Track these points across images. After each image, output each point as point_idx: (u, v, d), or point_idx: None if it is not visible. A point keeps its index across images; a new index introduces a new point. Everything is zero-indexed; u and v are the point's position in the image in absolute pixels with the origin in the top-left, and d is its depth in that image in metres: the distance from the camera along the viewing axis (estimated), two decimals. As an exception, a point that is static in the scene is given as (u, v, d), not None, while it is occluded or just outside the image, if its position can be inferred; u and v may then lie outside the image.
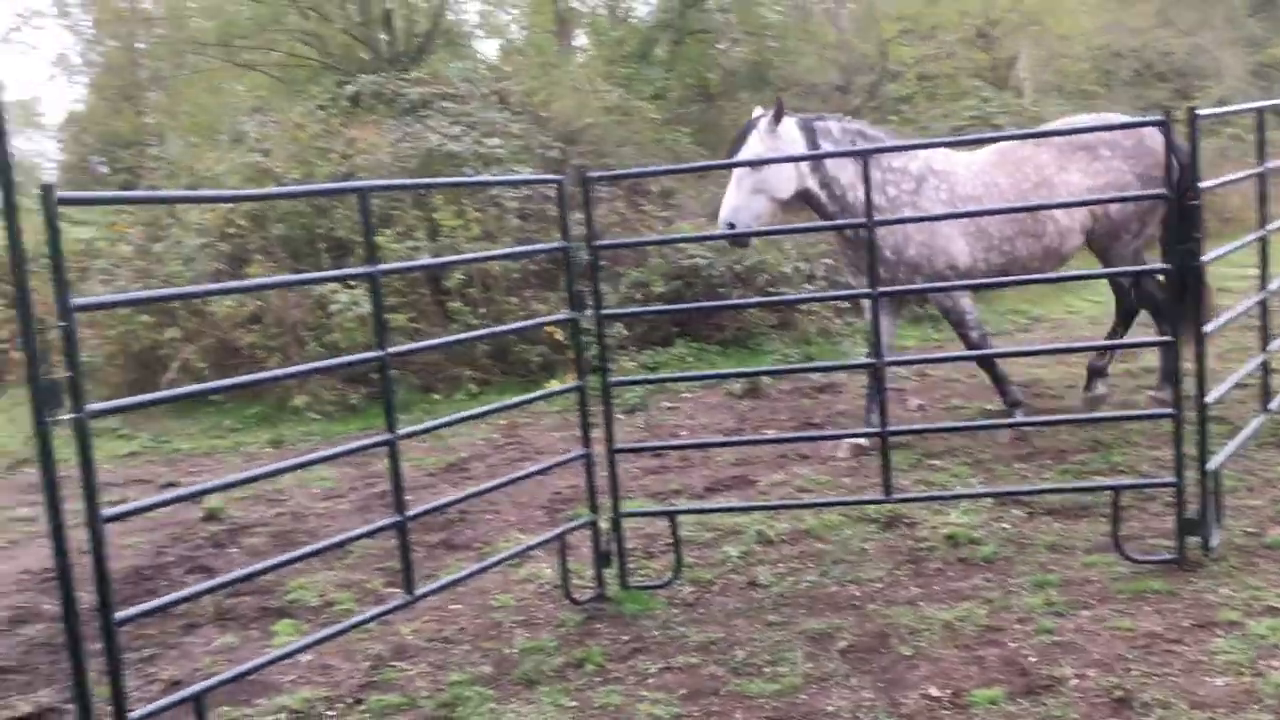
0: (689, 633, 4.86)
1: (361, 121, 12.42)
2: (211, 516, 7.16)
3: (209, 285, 9.71)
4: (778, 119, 6.95)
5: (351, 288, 9.96)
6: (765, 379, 9.46)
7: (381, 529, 4.56)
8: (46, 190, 3.24)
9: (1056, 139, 7.43)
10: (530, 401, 5.77)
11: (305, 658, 4.86)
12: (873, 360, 5.18)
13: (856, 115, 18.22)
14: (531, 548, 5.26)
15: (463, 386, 10.09)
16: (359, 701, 4.42)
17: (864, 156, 5.16)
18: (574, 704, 4.28)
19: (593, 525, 5.32)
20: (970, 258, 7.28)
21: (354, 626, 4.42)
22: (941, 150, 7.50)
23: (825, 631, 4.72)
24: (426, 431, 4.80)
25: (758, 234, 7.34)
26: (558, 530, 5.26)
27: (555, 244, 5.32)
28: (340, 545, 4.48)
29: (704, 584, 5.42)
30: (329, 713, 4.35)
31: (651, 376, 7.07)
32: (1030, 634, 4.54)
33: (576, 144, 12.99)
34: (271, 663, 4.11)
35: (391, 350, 4.41)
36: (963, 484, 6.46)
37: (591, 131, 13.23)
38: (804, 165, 7.03)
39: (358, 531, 4.45)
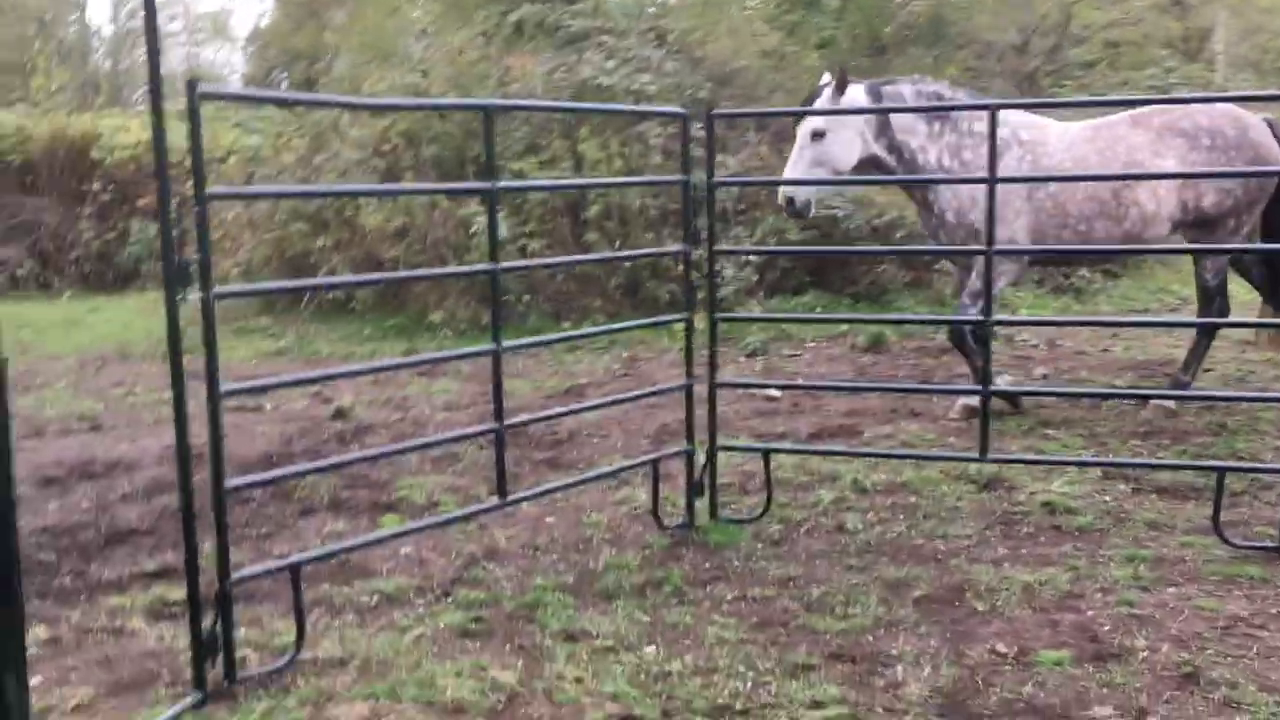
0: (769, 567, 4.98)
1: (519, 50, 12.65)
2: (339, 415, 7.57)
3: (330, 186, 10.17)
4: (841, 88, 6.86)
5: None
6: (888, 335, 9.40)
7: (480, 434, 4.79)
8: (190, 85, 3.50)
9: (1156, 122, 7.05)
10: (632, 329, 5.92)
11: (405, 550, 5.16)
12: (981, 318, 5.14)
13: (1033, 78, 17.68)
14: (622, 469, 5.44)
15: (591, 317, 10.31)
16: (447, 594, 4.69)
17: (992, 110, 5.06)
18: (646, 619, 4.46)
19: (688, 455, 5.46)
20: (1033, 236, 7.02)
21: (447, 522, 4.68)
22: (1035, 118, 7.23)
23: (903, 580, 4.78)
24: (528, 347, 5.02)
25: (844, 182, 7.25)
26: (651, 456, 5.42)
27: (673, 178, 5.42)
28: (437, 444, 4.74)
29: (793, 523, 5.51)
30: (418, 600, 4.62)
31: (759, 315, 7.12)
32: (1110, 604, 4.50)
33: (728, 86, 12.97)
34: (364, 545, 4.40)
35: (503, 265, 4.61)
36: (1071, 455, 6.37)
37: (745, 74, 13.18)
38: (870, 132, 6.92)
39: (456, 433, 4.69)
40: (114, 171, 16.58)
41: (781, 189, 6.86)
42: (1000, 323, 6.08)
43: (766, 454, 5.52)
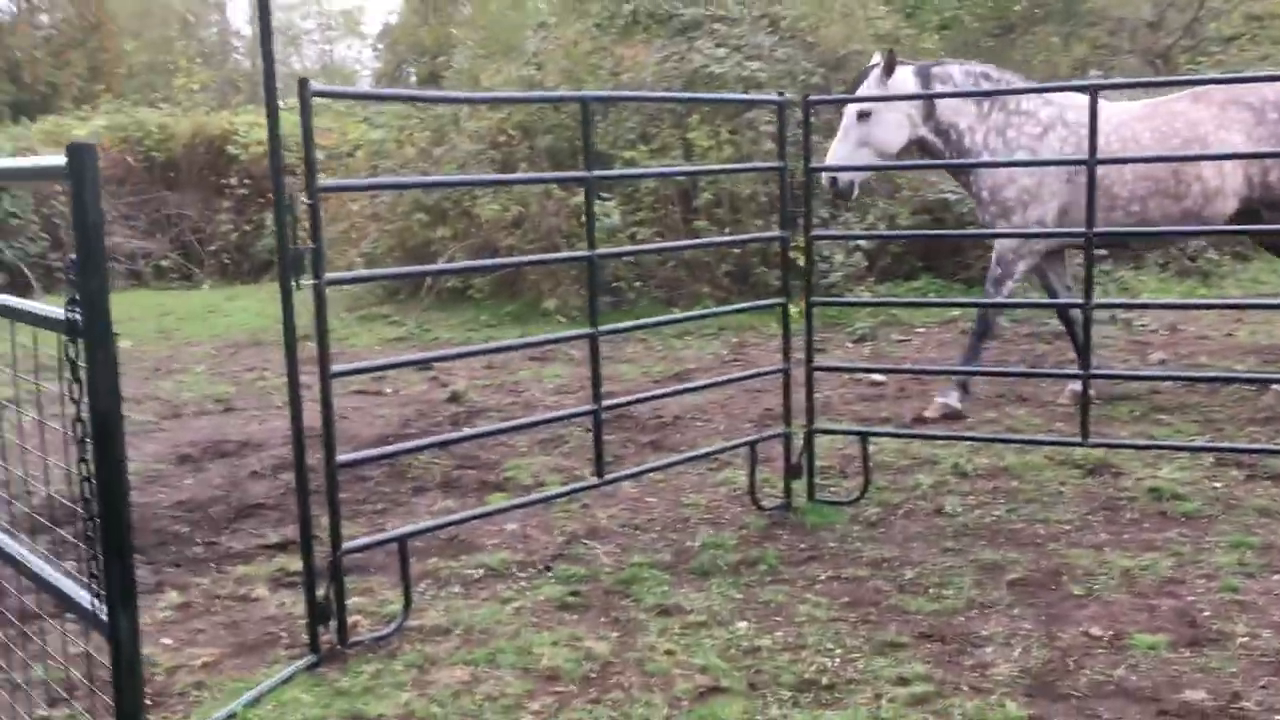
0: (864, 548, 5.04)
1: (632, 41, 12.80)
2: (454, 398, 7.85)
3: (433, 177, 10.49)
4: (889, 71, 6.78)
5: (604, 200, 10.43)
6: (1001, 321, 9.27)
7: (579, 415, 4.95)
8: (301, 83, 3.72)
9: (1219, 97, 6.76)
10: (728, 314, 6.02)
11: (510, 527, 5.37)
12: (1080, 302, 5.09)
13: (1167, 56, 17.08)
14: (719, 451, 5.56)
15: (701, 302, 10.41)
16: (548, 568, 4.87)
17: (1093, 91, 4.99)
18: (740, 596, 4.56)
19: (786, 438, 5.54)
20: (1071, 216, 6.79)
21: (546, 500, 4.88)
22: (1081, 98, 7.04)
23: (998, 563, 4.78)
24: (623, 331, 5.15)
25: (905, 167, 7.12)
26: (748, 439, 5.51)
27: (769, 164, 5.49)
28: (537, 425, 4.92)
29: (890, 506, 5.55)
30: (520, 574, 4.82)
31: (855, 300, 7.14)
32: (1212, 590, 4.44)
33: (841, 71, 12.87)
34: (466, 520, 4.62)
35: (599, 251, 4.75)
36: (1183, 440, 6.24)
37: (857, 59, 13.06)
38: (917, 114, 6.82)
39: (556, 415, 4.85)
40: (250, 167, 17.32)
41: (825, 175, 6.84)
42: (1101, 305, 5.96)
43: (864, 437, 5.56)
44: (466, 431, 4.67)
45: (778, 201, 10.85)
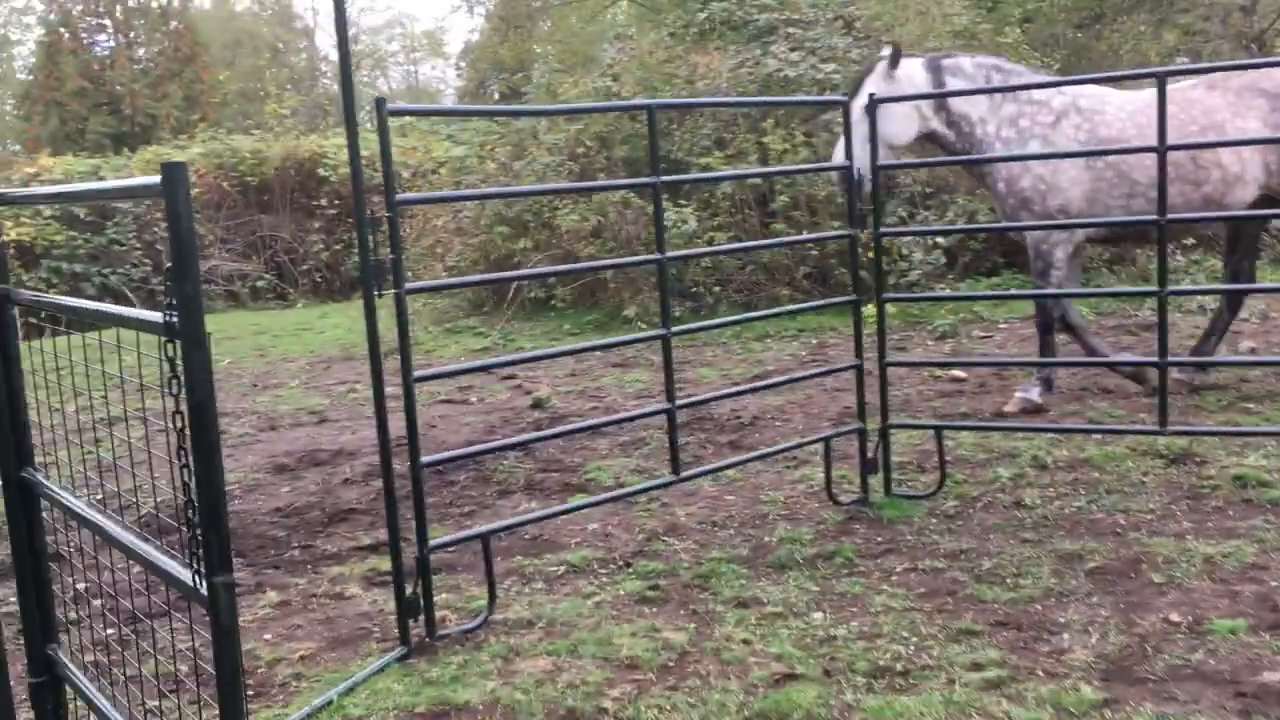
0: (941, 541, 5.07)
1: (706, 48, 12.92)
2: (538, 405, 8.03)
3: (500, 189, 10.75)
4: (895, 62, 6.73)
5: (681, 206, 10.55)
6: (1086, 313, 9.18)
7: (652, 414, 5.08)
8: (379, 103, 3.92)
9: (1235, 83, 6.63)
10: (797, 312, 6.08)
11: (592, 526, 5.51)
12: (1156, 290, 5.06)
13: (1261, 40, 16.66)
14: (794, 447, 5.64)
15: (780, 305, 10.47)
16: (628, 564, 5.00)
17: (1161, 78, 4.97)
18: (816, 589, 4.64)
19: (860, 434, 5.60)
20: (1090, 205, 6.72)
21: (622, 497, 5.01)
22: (1096, 88, 6.93)
23: (1077, 553, 4.79)
24: (694, 331, 5.27)
25: (942, 163, 7.05)
26: (823, 435, 5.58)
27: (837, 164, 5.56)
28: (611, 425, 5.06)
29: (968, 499, 5.57)
30: (601, 570, 4.95)
31: (926, 295, 7.16)
32: (1296, 576, 4.40)
33: (918, 69, 12.84)
34: (544, 518, 4.78)
35: (669, 255, 4.88)
36: (1270, 429, 6.14)
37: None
38: (927, 107, 6.76)
39: (629, 414, 4.98)
40: (339, 188, 17.84)
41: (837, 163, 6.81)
42: (1175, 292, 5.91)
43: (939, 431, 5.59)
44: (545, 433, 4.81)
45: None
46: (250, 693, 3.99)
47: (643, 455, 6.63)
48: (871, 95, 5.57)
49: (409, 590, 4.19)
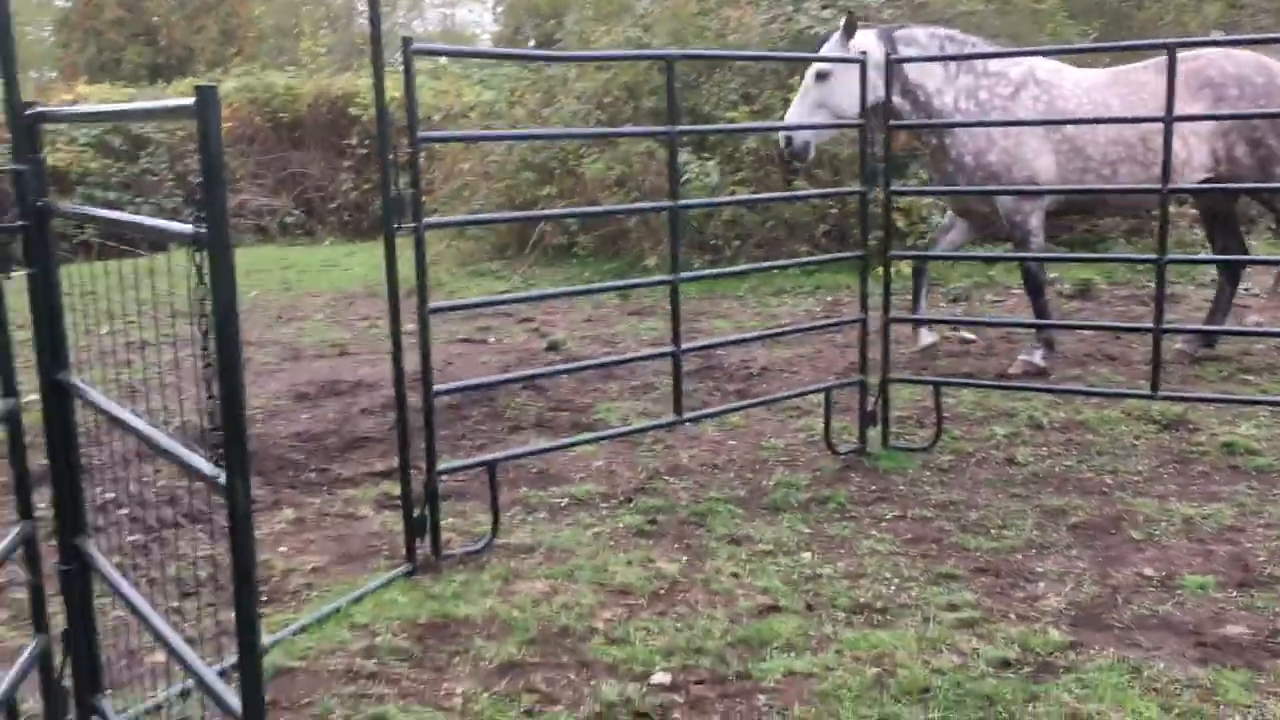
0: (932, 492, 5.25)
1: (739, 2, 12.94)
2: (553, 347, 8.22)
3: (525, 131, 10.86)
4: (850, 33, 6.75)
5: (705, 160, 10.66)
6: (1098, 281, 9.28)
7: (657, 356, 5.27)
8: (405, 42, 4.07)
9: (1181, 69, 6.72)
10: (807, 265, 6.31)
11: (597, 463, 5.72)
12: (1154, 257, 5.18)
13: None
14: (792, 395, 5.82)
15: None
16: (629, 500, 5.21)
17: (1171, 49, 5.06)
18: (807, 530, 4.83)
19: (861, 386, 5.76)
20: (1057, 176, 6.83)
21: (625, 434, 5.23)
22: (1053, 61, 7.00)
23: (1062, 508, 4.96)
24: (702, 278, 5.44)
25: (923, 126, 7.07)
26: (822, 385, 5.75)
27: (851, 122, 5.68)
28: (615, 364, 5.28)
29: (963, 454, 5.74)
30: (603, 504, 5.16)
31: (931, 254, 7.27)
32: (1271, 538, 4.56)
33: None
34: (546, 451, 5.00)
35: (681, 203, 5.04)
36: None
37: (966, 19, 12.99)
38: (878, 76, 6.81)
39: (635, 355, 5.18)
40: (370, 127, 17.93)
41: (784, 130, 6.90)
42: (1174, 261, 6.02)
43: (936, 387, 5.75)
44: (551, 368, 5.01)
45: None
46: (264, 598, 4.23)
47: (651, 399, 6.82)
48: (888, 54, 5.67)
49: (417, 511, 4.41)
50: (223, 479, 2.09)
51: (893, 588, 4.24)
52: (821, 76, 6.80)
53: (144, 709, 3.28)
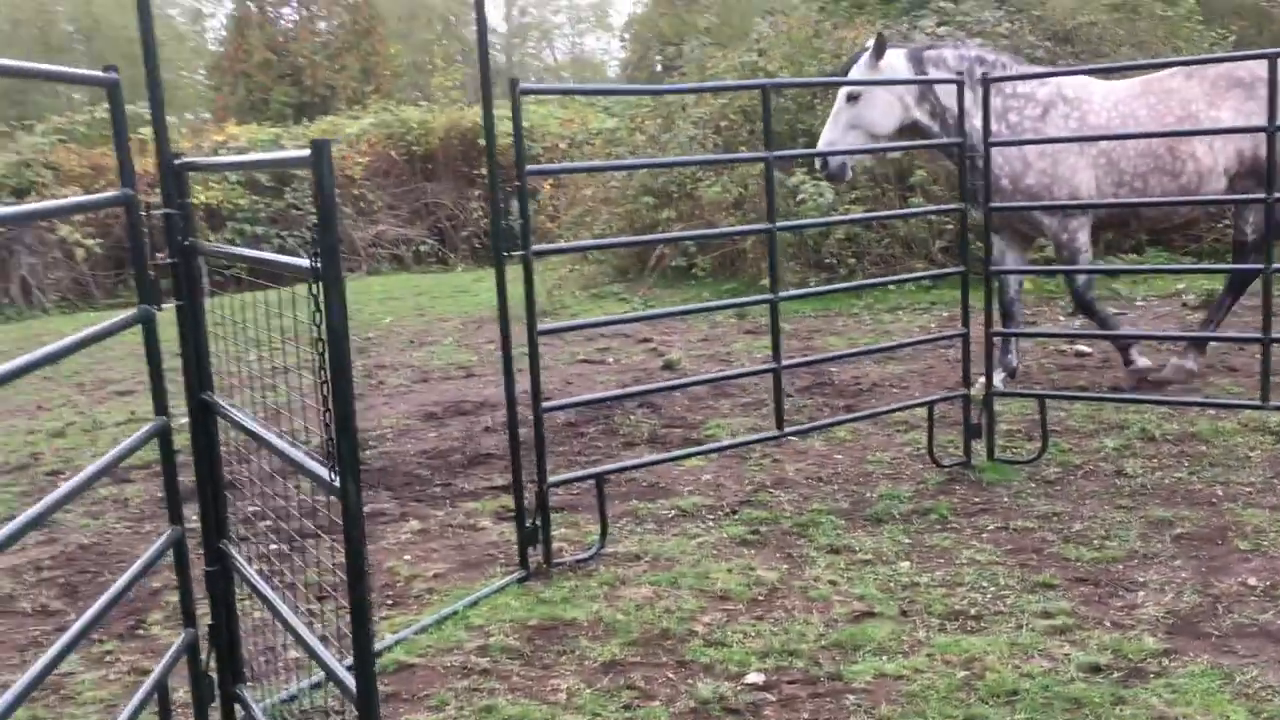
0: (1036, 504, 5.30)
1: (854, 22, 13.04)
2: (669, 366, 8.46)
3: (629, 160, 11.11)
4: (879, 53, 6.70)
5: (820, 180, 10.78)
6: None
7: (758, 372, 5.45)
8: (512, 83, 4.38)
9: (1210, 72, 6.58)
10: (901, 281, 6.34)
11: (705, 477, 5.92)
12: (1260, 267, 5.14)
13: None
14: (894, 410, 5.91)
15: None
16: (734, 511, 5.39)
17: (1272, 59, 5.03)
18: (907, 541, 4.94)
19: (965, 400, 5.84)
20: (1096, 191, 6.68)
21: (726, 448, 5.43)
22: (1079, 77, 6.88)
23: (1168, 519, 4.95)
24: (803, 296, 5.58)
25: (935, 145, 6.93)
26: (925, 399, 5.84)
27: (949, 140, 5.78)
28: (717, 380, 5.52)
29: (1071, 467, 5.75)
30: (708, 515, 5.36)
31: (1034, 268, 7.28)
32: (1384, 550, 4.49)
33: (1070, 44, 12.70)
34: (656, 462, 5.21)
35: (779, 225, 5.23)
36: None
37: (1087, 30, 12.85)
38: (910, 98, 6.73)
39: (735, 371, 5.36)
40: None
41: (819, 149, 6.90)
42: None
43: (1042, 400, 5.78)
44: (657, 385, 5.24)
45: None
46: (389, 602, 4.56)
47: (760, 415, 6.99)
48: (984, 75, 5.76)
49: (529, 522, 4.69)
50: (337, 482, 2.38)
51: (988, 595, 4.33)
52: (852, 98, 6.87)
53: (280, 698, 3.61)
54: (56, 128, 18.31)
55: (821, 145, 6.96)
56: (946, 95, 6.85)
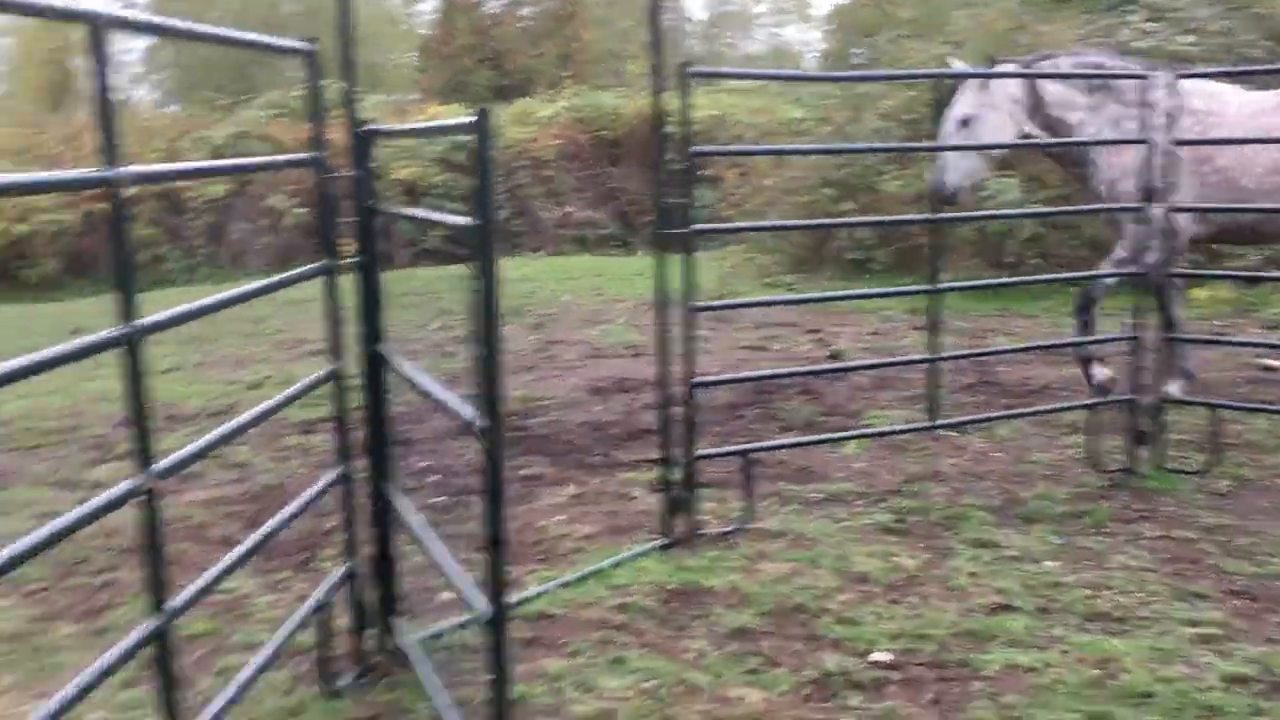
0: (1201, 515, 5.13)
1: (1055, 17, 12.65)
2: (835, 356, 8.47)
3: (795, 146, 11.05)
4: (988, 73, 6.38)
5: (1008, 176, 10.55)
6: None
7: (913, 362, 5.45)
8: (681, 67, 4.52)
9: None
10: (1078, 280, 6.20)
11: (858, 465, 5.95)
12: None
13: None
14: (1053, 410, 5.81)
15: (1100, 281, 10.28)
16: (883, 500, 5.41)
17: None
18: (1059, 542, 4.87)
19: (1131, 405, 5.68)
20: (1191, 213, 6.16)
21: (874, 435, 5.47)
22: (1214, 86, 6.30)
23: (1343, 540, 4.73)
24: (962, 289, 5.55)
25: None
26: (1087, 402, 5.72)
27: (1133, 139, 5.63)
28: (868, 368, 5.50)
29: (1244, 480, 5.54)
30: (857, 502, 5.40)
31: (1209, 272, 6.96)
32: None
33: (1291, 43, 12.01)
34: (803, 444, 5.30)
35: (944, 216, 5.21)
36: None
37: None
38: (1021, 112, 6.37)
39: (887, 360, 5.38)
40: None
41: (932, 175, 6.62)
42: None
43: (1213, 409, 5.58)
44: (806, 369, 5.31)
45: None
46: (540, 558, 4.79)
47: (920, 409, 6.92)
48: (1175, 72, 5.57)
49: (676, 492, 4.84)
50: (479, 423, 2.58)
51: (1135, 600, 4.25)
52: (964, 123, 6.68)
53: (430, 632, 3.87)
54: (272, 103, 19.50)
55: (936, 170, 6.74)
56: (1058, 106, 6.65)
